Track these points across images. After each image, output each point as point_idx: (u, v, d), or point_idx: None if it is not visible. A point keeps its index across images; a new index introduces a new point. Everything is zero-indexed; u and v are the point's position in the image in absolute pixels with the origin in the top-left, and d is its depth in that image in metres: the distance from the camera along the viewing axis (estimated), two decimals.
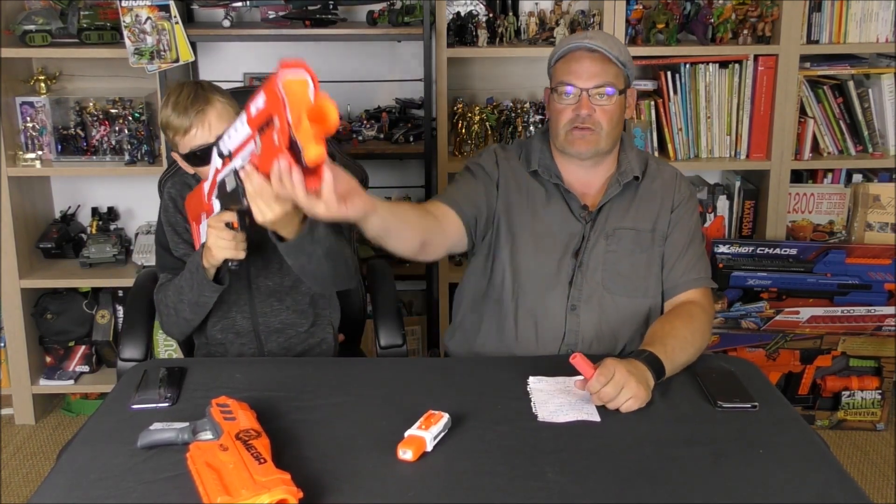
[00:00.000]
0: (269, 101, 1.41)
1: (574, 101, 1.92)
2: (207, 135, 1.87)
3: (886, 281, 2.97)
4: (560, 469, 1.45)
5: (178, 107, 1.88)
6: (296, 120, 1.35)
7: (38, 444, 3.06)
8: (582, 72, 1.92)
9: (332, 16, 2.91)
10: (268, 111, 1.42)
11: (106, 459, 1.47)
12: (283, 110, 1.37)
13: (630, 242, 1.98)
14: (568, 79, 1.92)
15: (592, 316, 1.96)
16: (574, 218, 1.99)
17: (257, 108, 1.46)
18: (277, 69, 1.37)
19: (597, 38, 1.94)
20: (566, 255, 1.98)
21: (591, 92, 1.91)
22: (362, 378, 1.80)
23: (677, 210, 2.02)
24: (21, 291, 3.07)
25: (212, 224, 1.80)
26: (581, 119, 1.92)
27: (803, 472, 1.46)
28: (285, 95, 1.36)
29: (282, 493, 1.28)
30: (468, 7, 3.05)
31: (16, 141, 3.04)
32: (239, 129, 1.55)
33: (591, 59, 1.92)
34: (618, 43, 1.99)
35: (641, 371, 1.66)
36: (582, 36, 1.96)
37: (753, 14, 2.98)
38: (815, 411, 3.09)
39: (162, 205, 2.08)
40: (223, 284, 1.91)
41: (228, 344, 2.06)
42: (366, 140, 3.08)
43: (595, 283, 1.97)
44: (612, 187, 1.99)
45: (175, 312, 1.98)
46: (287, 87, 1.36)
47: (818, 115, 3.06)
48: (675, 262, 1.99)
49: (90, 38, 2.91)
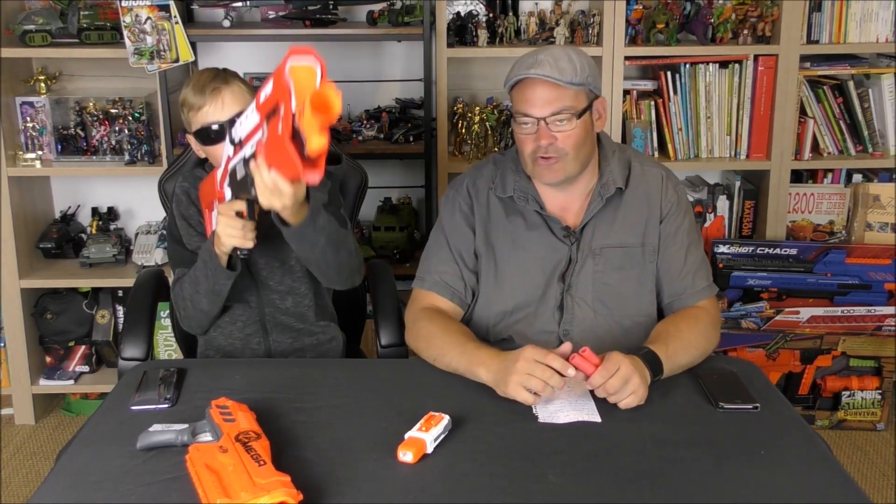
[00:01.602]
0: (276, 88, 1.42)
1: (533, 131, 1.83)
2: (219, 113, 1.92)
3: (886, 281, 2.97)
4: (561, 470, 1.45)
5: (196, 85, 1.94)
6: (299, 109, 1.35)
7: (38, 444, 3.06)
8: (536, 100, 1.81)
9: (332, 16, 2.91)
10: (275, 98, 1.43)
11: (105, 461, 1.47)
12: (288, 98, 1.37)
13: (618, 260, 1.92)
14: (523, 108, 1.83)
15: (586, 339, 1.87)
16: (558, 240, 1.92)
17: (265, 95, 1.47)
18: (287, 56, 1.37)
19: (545, 65, 1.80)
20: (553, 279, 1.92)
21: (548, 120, 1.81)
22: (362, 379, 1.80)
23: (667, 220, 1.94)
24: (21, 291, 3.06)
25: (222, 212, 1.81)
26: (543, 149, 1.83)
27: (804, 474, 1.46)
28: (292, 82, 1.36)
29: (281, 495, 1.28)
30: (468, 7, 3.05)
31: (16, 141, 3.04)
32: (249, 117, 1.56)
33: (544, 85, 1.80)
34: (572, 59, 1.82)
35: (641, 368, 1.66)
36: (531, 62, 1.82)
37: (753, 14, 2.98)
38: (816, 411, 3.09)
39: (174, 199, 2.09)
40: (236, 270, 1.91)
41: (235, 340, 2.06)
42: (366, 140, 3.07)
43: (586, 306, 1.91)
44: (594, 203, 1.91)
45: (192, 305, 1.98)
46: (294, 74, 1.36)
47: (818, 115, 3.06)
48: (675, 276, 1.93)
49: (90, 38, 2.91)
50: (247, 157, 1.62)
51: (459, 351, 1.77)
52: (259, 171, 1.56)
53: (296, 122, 1.37)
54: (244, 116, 1.60)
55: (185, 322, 2.05)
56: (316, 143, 1.37)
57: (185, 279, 1.99)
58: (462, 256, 1.97)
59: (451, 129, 3.07)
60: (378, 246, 3.10)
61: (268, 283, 2.04)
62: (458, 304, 1.96)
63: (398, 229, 3.09)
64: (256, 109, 1.53)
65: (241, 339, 2.07)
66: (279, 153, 1.45)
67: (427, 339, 1.85)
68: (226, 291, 1.95)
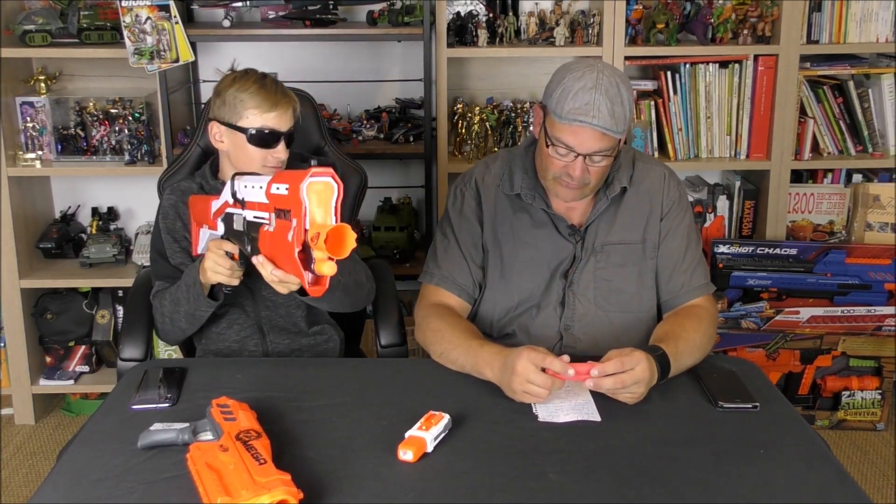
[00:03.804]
0: (290, 197, 1.45)
1: (569, 160, 1.83)
2: (285, 122, 1.97)
3: (886, 281, 2.97)
4: (561, 469, 1.45)
5: (265, 87, 1.96)
6: (314, 234, 1.39)
7: (38, 444, 3.06)
8: (584, 140, 1.79)
9: (332, 16, 2.91)
10: (287, 203, 1.46)
11: (106, 460, 1.47)
12: (300, 215, 1.41)
13: (619, 257, 1.94)
14: (568, 141, 1.80)
15: (587, 335, 1.93)
16: (563, 238, 1.95)
17: (278, 192, 1.49)
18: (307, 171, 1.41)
19: (602, 110, 1.75)
20: (556, 276, 1.94)
21: (588, 157, 1.81)
22: (363, 378, 1.80)
23: (668, 217, 1.96)
24: (21, 291, 3.06)
25: (211, 248, 1.80)
26: (571, 178, 1.84)
27: (804, 473, 1.46)
28: (307, 201, 1.41)
29: (282, 493, 1.28)
30: (468, 7, 3.05)
31: (16, 141, 3.04)
32: (257, 189, 1.58)
33: (595, 130, 1.78)
34: (624, 102, 1.79)
35: (652, 372, 1.66)
36: (587, 101, 1.75)
37: (753, 14, 2.98)
38: (815, 411, 3.09)
39: (161, 211, 2.08)
40: (218, 301, 1.90)
41: (232, 343, 2.06)
42: (366, 140, 3.08)
43: (587, 302, 1.94)
44: (599, 203, 1.93)
45: (171, 322, 1.98)
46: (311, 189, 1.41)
47: (818, 115, 3.06)
48: (673, 272, 1.95)
49: (90, 38, 2.91)
50: (247, 219, 1.65)
51: (465, 348, 1.78)
52: (264, 268, 1.60)
53: (307, 240, 1.42)
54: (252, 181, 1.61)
55: (162, 335, 2.06)
56: (326, 269, 1.44)
57: (166, 295, 1.98)
58: (469, 251, 1.98)
59: (451, 129, 3.07)
60: (378, 246, 3.10)
61: (261, 292, 2.05)
62: (466, 299, 1.98)
63: (398, 229, 3.09)
64: (266, 195, 1.55)
65: (238, 342, 2.07)
66: (286, 259, 1.50)
67: (435, 334, 1.87)
68: (206, 317, 1.95)
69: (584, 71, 1.79)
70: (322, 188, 1.41)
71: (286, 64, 3.13)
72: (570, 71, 1.81)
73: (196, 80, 3.16)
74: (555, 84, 1.83)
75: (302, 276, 1.47)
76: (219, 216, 1.79)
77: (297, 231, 1.43)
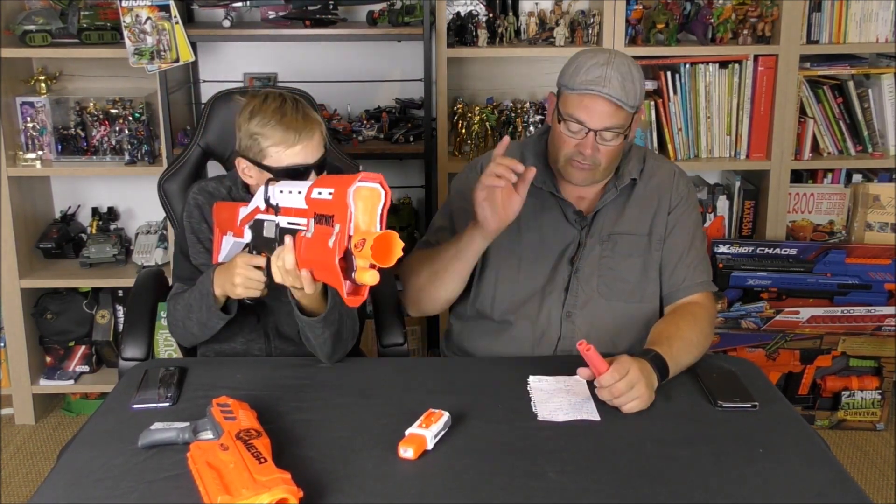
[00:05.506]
0: (335, 202, 1.41)
1: (580, 137, 1.86)
2: (312, 152, 1.82)
3: (886, 281, 2.97)
4: (560, 468, 1.45)
5: (285, 116, 1.80)
6: (359, 240, 1.36)
7: (38, 444, 3.06)
8: (596, 113, 1.83)
9: (332, 16, 2.92)
10: (331, 208, 1.42)
11: (106, 459, 1.47)
12: (345, 220, 1.38)
13: (626, 247, 1.96)
14: (580, 115, 1.84)
15: (588, 322, 1.94)
16: (569, 224, 1.97)
17: (321, 197, 1.45)
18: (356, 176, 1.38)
19: (614, 82, 1.81)
20: (562, 261, 1.96)
21: (599, 133, 1.85)
22: (363, 377, 1.80)
23: (675, 211, 1.99)
24: (21, 291, 3.06)
25: (240, 265, 1.75)
26: (583, 157, 1.87)
27: (803, 472, 1.46)
28: (353, 206, 1.37)
29: (282, 492, 1.29)
30: (468, 7, 3.05)
31: (16, 141, 3.04)
32: (294, 194, 1.55)
33: (608, 102, 1.82)
34: (635, 80, 1.85)
35: (649, 373, 1.66)
36: (600, 75, 1.82)
37: (753, 14, 2.98)
38: (815, 411, 3.09)
39: (186, 210, 2.02)
40: (230, 314, 1.87)
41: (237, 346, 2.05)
42: (366, 140, 3.07)
43: (591, 290, 1.95)
44: (608, 192, 1.96)
45: (183, 326, 1.95)
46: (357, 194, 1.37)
47: (818, 115, 3.06)
48: (676, 266, 1.97)
49: (90, 38, 2.91)
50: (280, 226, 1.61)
51: (445, 247, 1.91)
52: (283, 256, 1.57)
53: (350, 247, 1.38)
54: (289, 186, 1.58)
55: (174, 336, 2.03)
56: (368, 278, 1.39)
57: (181, 300, 1.94)
58: None
59: (451, 129, 3.08)
60: None
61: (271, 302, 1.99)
62: None
63: (398, 229, 3.09)
64: (305, 200, 1.51)
65: (243, 345, 2.05)
66: (325, 266, 1.45)
67: (417, 264, 1.98)
68: (217, 328, 1.91)
69: (598, 51, 1.91)
70: (369, 194, 1.38)
71: (286, 64, 3.13)
72: (584, 53, 1.91)
73: (196, 80, 3.16)
74: (568, 65, 1.90)
75: (341, 285, 1.43)
76: (247, 223, 1.75)
77: (339, 237, 1.39)
